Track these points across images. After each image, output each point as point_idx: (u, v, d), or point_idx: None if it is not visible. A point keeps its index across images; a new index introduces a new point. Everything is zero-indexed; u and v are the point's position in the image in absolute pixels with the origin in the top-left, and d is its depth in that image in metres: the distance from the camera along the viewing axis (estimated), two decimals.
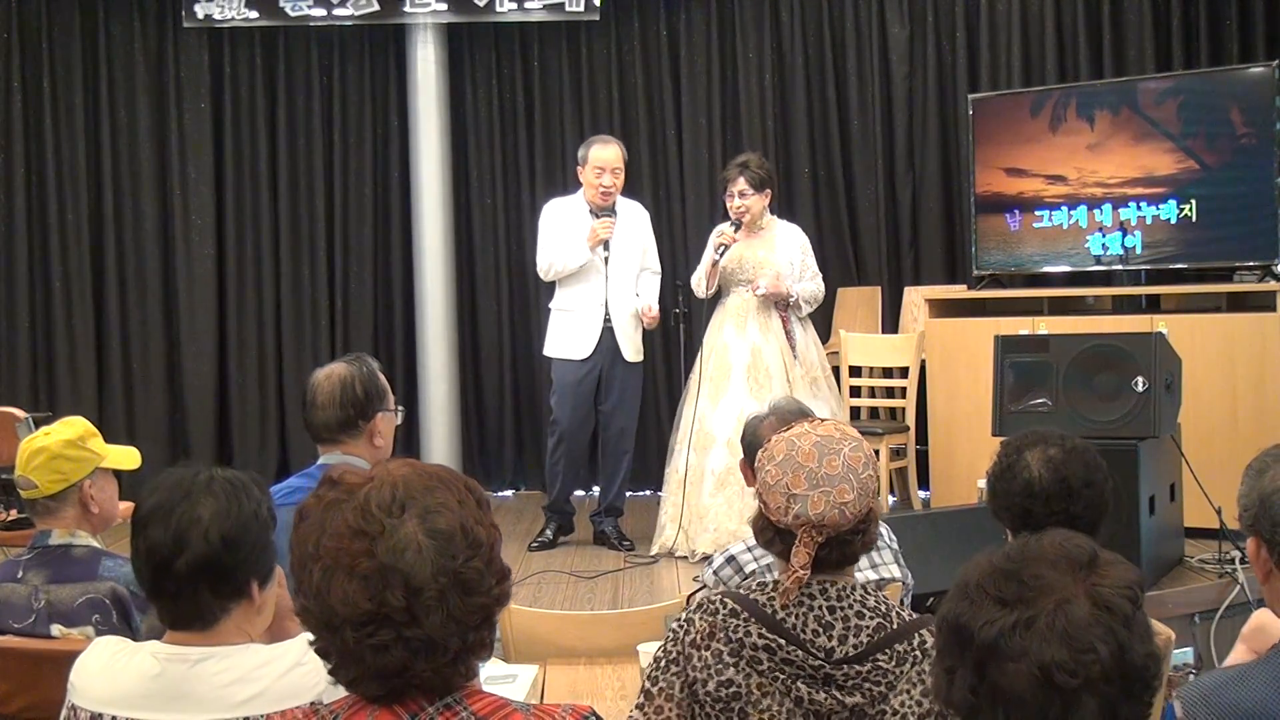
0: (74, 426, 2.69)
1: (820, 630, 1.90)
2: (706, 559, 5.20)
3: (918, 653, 1.92)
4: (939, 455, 5.88)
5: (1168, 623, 2.80)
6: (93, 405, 6.91)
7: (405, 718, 1.42)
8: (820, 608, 1.92)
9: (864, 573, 2.87)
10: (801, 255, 5.52)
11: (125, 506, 3.21)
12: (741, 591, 1.97)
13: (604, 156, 5.54)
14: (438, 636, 1.39)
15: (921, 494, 6.12)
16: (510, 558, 5.53)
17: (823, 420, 2.03)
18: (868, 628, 1.91)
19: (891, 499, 6.11)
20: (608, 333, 5.57)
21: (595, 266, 5.55)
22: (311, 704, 1.53)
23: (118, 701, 1.85)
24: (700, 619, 1.94)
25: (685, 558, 5.34)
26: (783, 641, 1.89)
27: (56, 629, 2.49)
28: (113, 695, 1.86)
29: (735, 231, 5.43)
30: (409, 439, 7.00)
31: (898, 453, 6.06)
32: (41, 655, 2.41)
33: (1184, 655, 2.84)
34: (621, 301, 5.60)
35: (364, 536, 1.40)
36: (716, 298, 5.61)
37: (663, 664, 1.94)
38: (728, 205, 5.50)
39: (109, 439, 2.79)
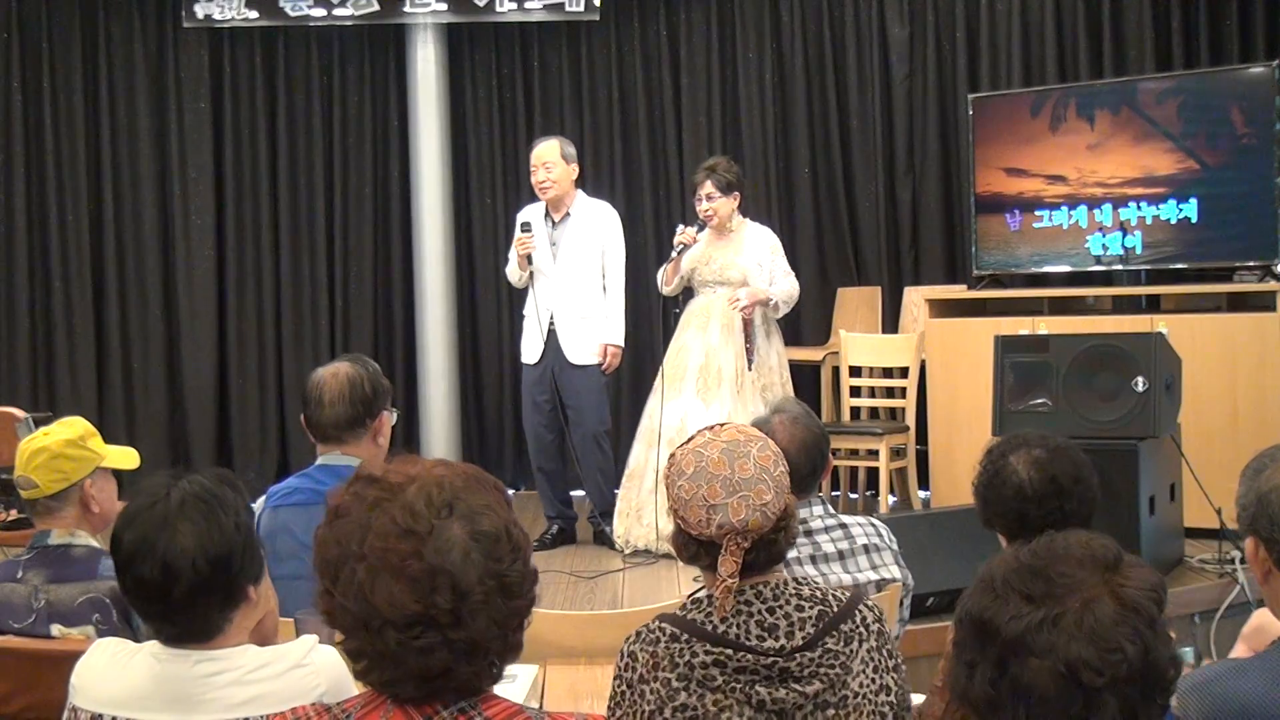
0: (73, 426, 2.68)
1: (765, 634, 1.89)
2: (641, 554, 5.29)
3: (863, 629, 1.94)
4: (939, 455, 5.88)
5: (1168, 623, 2.80)
6: (93, 405, 6.91)
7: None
8: (759, 611, 1.90)
9: (865, 573, 2.86)
10: (771, 256, 5.53)
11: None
12: (677, 614, 1.95)
13: (535, 154, 5.65)
14: (481, 639, 1.39)
15: (921, 494, 6.12)
16: None
17: (723, 426, 2.01)
18: (810, 617, 1.91)
19: (891, 499, 6.10)
20: (552, 335, 5.63)
21: (536, 271, 5.62)
22: (323, 703, 1.53)
23: (118, 703, 1.84)
24: (641, 651, 1.92)
25: (622, 550, 5.45)
26: (731, 651, 1.87)
27: (56, 629, 2.49)
28: (113, 696, 1.85)
29: (697, 232, 5.48)
30: (409, 439, 7.00)
31: (898, 453, 6.05)
32: (41, 655, 2.40)
33: (1184, 655, 2.84)
34: (567, 304, 5.62)
35: (412, 537, 1.39)
36: (691, 299, 5.63)
37: (616, 699, 1.93)
38: (696, 208, 5.54)
39: (109, 439, 2.79)
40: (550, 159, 5.59)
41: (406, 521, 1.40)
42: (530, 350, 5.71)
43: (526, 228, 5.61)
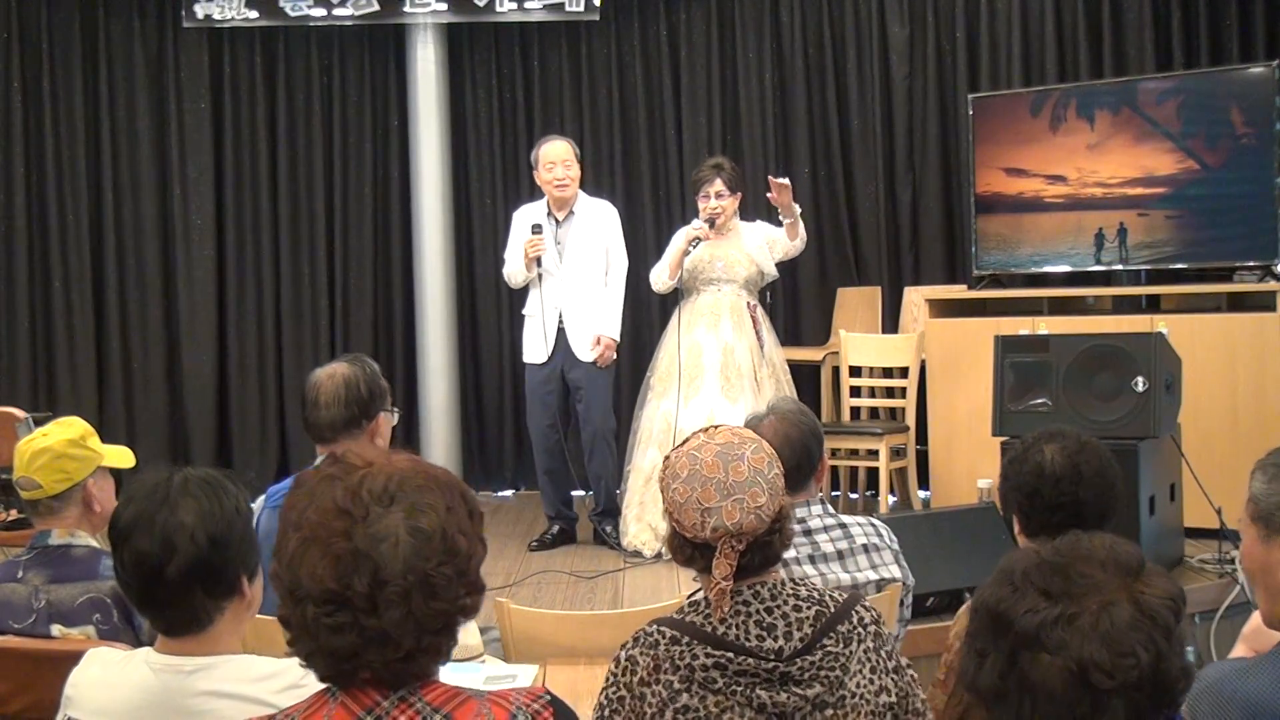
0: (73, 427, 2.69)
1: (764, 634, 1.90)
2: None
3: (860, 629, 1.95)
4: (939, 455, 5.88)
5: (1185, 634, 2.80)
6: (93, 405, 6.92)
7: (360, 714, 1.43)
8: (758, 611, 1.92)
9: (865, 573, 2.86)
10: (769, 231, 5.59)
11: None
12: (675, 617, 1.95)
13: (554, 150, 5.64)
14: (393, 631, 1.40)
15: (921, 494, 6.12)
16: (510, 557, 5.55)
17: (717, 428, 2.01)
18: (808, 618, 1.92)
19: (891, 499, 6.11)
20: (562, 334, 5.64)
21: (544, 272, 5.63)
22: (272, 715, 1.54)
23: (113, 714, 1.84)
24: (641, 655, 1.92)
25: (648, 556, 5.38)
26: (731, 655, 1.88)
27: (57, 629, 2.49)
28: (108, 707, 1.85)
29: (710, 229, 5.47)
30: (409, 439, 7.00)
31: (898, 453, 6.05)
32: (41, 655, 2.40)
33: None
34: (576, 303, 5.64)
35: (347, 517, 1.42)
36: (680, 297, 5.63)
37: (613, 706, 1.91)
38: (700, 205, 5.53)
39: (109, 439, 2.79)
40: (569, 157, 5.62)
41: (346, 502, 1.43)
42: (537, 350, 5.70)
43: (538, 229, 5.60)
